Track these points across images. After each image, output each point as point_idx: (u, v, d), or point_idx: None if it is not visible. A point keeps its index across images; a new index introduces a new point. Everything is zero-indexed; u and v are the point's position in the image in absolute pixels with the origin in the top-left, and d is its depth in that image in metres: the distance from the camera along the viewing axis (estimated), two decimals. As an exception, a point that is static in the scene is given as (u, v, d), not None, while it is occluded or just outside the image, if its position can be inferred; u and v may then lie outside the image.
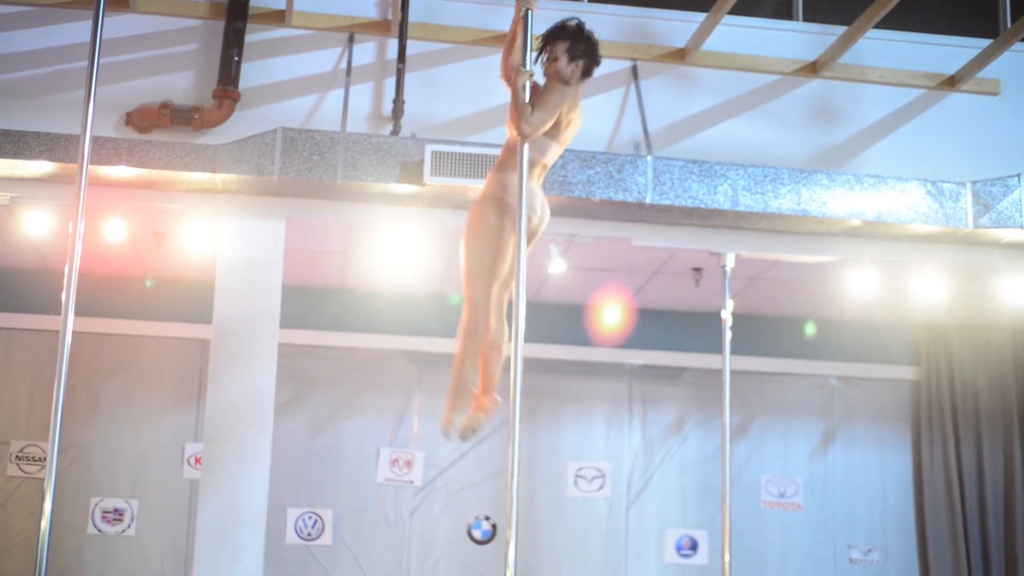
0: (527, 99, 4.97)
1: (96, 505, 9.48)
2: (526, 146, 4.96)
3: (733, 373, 8.34)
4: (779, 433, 10.43)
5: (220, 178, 7.41)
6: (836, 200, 7.78)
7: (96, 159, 7.09)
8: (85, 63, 5.21)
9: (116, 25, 7.76)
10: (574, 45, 5.18)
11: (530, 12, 5.07)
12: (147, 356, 9.78)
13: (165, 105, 7.74)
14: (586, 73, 5.22)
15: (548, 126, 5.05)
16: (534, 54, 5.09)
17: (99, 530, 9.46)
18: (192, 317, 9.25)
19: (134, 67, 7.91)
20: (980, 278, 8.67)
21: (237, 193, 7.61)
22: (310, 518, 9.76)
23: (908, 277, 8.59)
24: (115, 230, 7.87)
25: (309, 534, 9.72)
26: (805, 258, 8.26)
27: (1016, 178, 7.94)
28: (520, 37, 5.10)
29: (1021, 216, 7.87)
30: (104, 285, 9.26)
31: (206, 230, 7.87)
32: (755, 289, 9.48)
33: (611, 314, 10.13)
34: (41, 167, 7.32)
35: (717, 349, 8.24)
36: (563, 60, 5.14)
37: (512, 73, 5.03)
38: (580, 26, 5.23)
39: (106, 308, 9.44)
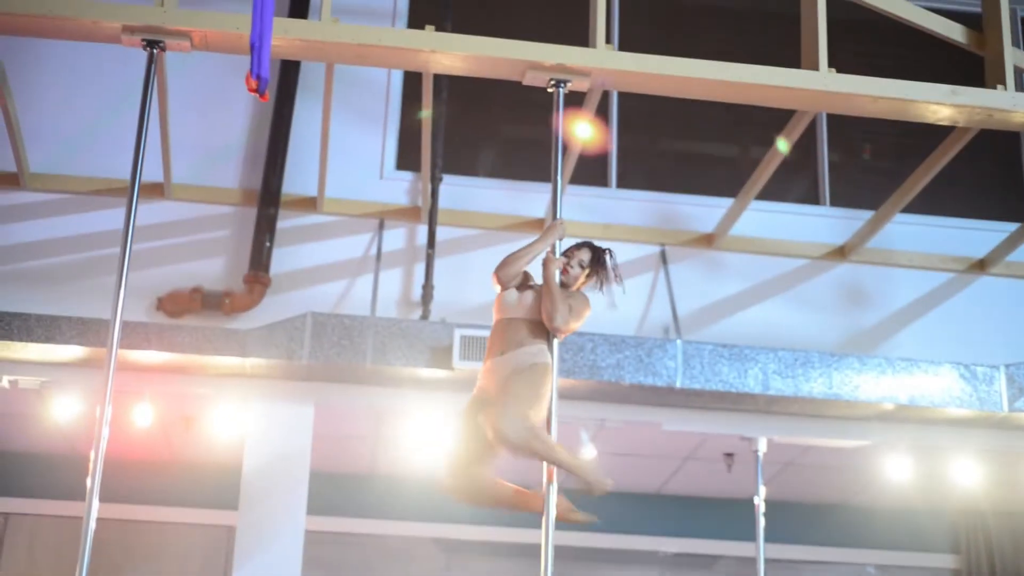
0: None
1: None
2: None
3: (768, 561, 8.16)
4: (817, 623, 10.19)
5: (249, 363, 7.41)
6: (868, 384, 7.72)
7: (126, 344, 7.11)
8: (118, 249, 5.27)
9: (150, 212, 7.89)
10: (592, 259, 5.26)
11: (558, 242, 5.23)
12: (173, 542, 9.68)
13: (196, 290, 7.80)
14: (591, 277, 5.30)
15: (576, 327, 5.12)
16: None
17: None
18: (218, 503, 9.17)
19: (167, 253, 8.00)
20: (1018, 463, 8.53)
21: (266, 378, 7.60)
22: None
23: (944, 462, 8.46)
24: (143, 414, 7.86)
25: None
26: (838, 443, 8.16)
27: (1051, 361, 7.89)
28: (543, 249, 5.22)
29: (1057, 400, 7.79)
30: (131, 470, 9.21)
31: (234, 414, 7.84)
32: (789, 475, 9.35)
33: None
34: (72, 352, 7.35)
35: (751, 537, 8.08)
36: (574, 265, 5.23)
37: (542, 264, 5.13)
38: (601, 250, 5.32)
39: (132, 494, 9.37)
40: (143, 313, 7.73)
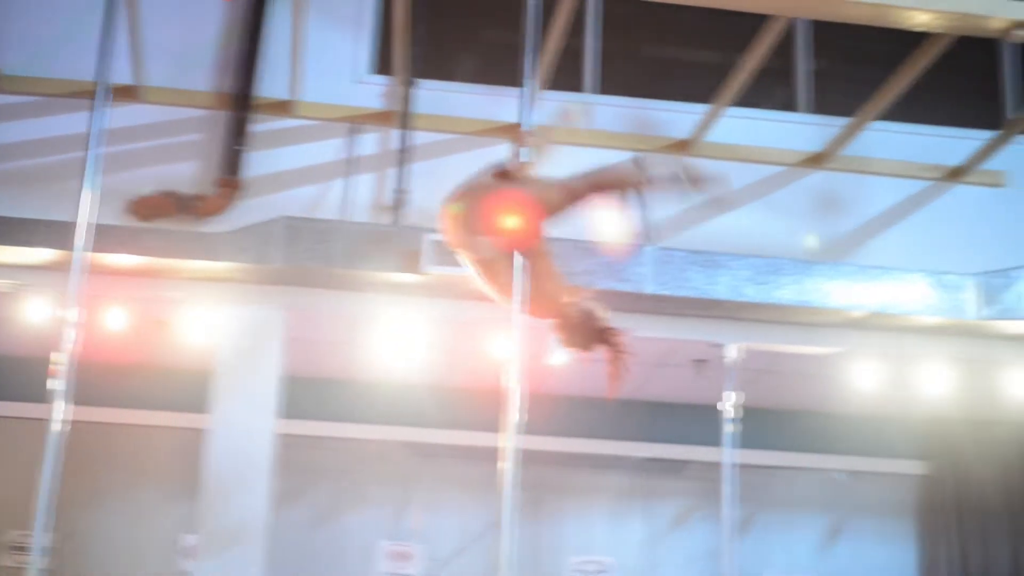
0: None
1: (93, 597, 9.39)
2: None
3: (738, 467, 8.24)
4: (784, 528, 10.31)
5: (221, 266, 7.41)
6: (839, 291, 7.75)
7: (97, 247, 7.04)
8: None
9: (121, 115, 7.80)
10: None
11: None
12: (146, 445, 9.73)
13: (168, 194, 7.75)
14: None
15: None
16: None
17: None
18: (191, 407, 9.17)
19: (138, 156, 7.94)
20: (986, 371, 8.59)
21: (238, 282, 7.60)
22: (309, 612, 9.63)
23: (914, 370, 8.52)
24: (115, 318, 7.85)
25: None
26: (808, 349, 8.20)
27: (1021, 270, 7.91)
28: None
29: (1026, 308, 7.84)
30: (104, 374, 9.20)
31: (206, 319, 7.84)
32: (760, 382, 9.41)
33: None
34: (44, 255, 7.33)
35: (721, 442, 8.15)
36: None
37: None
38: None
39: (106, 397, 9.39)
40: (115, 217, 7.68)
